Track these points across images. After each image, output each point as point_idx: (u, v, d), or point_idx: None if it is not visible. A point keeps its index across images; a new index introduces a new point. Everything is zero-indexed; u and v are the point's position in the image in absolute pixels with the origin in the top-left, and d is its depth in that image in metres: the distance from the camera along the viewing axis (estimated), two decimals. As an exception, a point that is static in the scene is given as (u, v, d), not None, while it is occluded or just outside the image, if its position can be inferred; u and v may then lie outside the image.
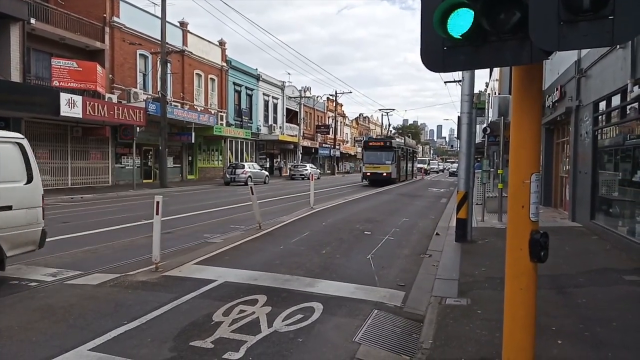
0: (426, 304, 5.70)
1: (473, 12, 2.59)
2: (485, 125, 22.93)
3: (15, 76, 20.09)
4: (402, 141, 40.31)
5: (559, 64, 14.07)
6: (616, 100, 9.48)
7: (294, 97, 51.49)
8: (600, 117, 10.60)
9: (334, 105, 61.11)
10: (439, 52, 2.81)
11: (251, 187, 11.36)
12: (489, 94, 36.27)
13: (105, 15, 25.69)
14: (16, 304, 5.50)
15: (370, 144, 35.64)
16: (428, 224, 12.84)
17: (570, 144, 12.64)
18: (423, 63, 2.88)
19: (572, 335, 4.59)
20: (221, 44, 38.02)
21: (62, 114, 19.69)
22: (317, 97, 58.61)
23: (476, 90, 14.72)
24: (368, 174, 33.46)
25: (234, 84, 39.91)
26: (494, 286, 6.15)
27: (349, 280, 6.73)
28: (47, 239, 7.27)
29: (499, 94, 24.96)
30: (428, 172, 62.92)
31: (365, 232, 11.05)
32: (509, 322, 3.02)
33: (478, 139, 21.26)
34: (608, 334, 4.63)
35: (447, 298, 5.80)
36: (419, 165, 58.31)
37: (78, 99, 20.56)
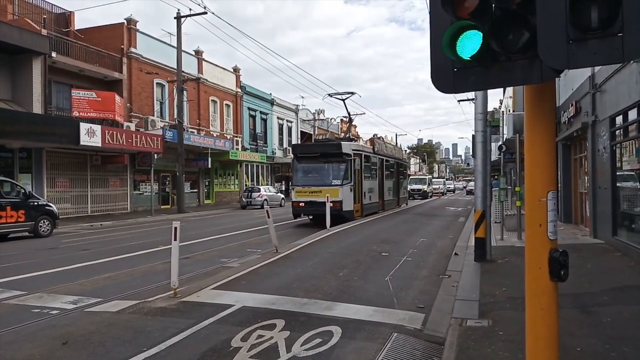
0: (446, 325, 5.61)
1: (482, 34, 2.61)
2: (500, 142, 22.84)
3: (37, 108, 20.71)
4: (368, 147, 24.28)
5: (572, 79, 14.01)
6: (633, 115, 9.38)
7: (308, 120, 51.90)
8: (617, 131, 10.48)
9: (348, 126, 61.23)
10: (449, 74, 2.84)
11: (267, 211, 11.40)
12: (503, 111, 36.07)
13: (122, 46, 26.46)
14: (38, 332, 5.56)
15: (304, 150, 20.83)
16: (446, 244, 12.69)
17: (588, 160, 12.48)
18: (434, 85, 2.90)
19: (597, 355, 4.47)
20: (235, 70, 38.76)
21: (81, 143, 20.15)
22: (331, 119, 58.95)
23: (490, 108, 14.70)
24: (301, 204, 18.72)
25: (249, 109, 40.47)
26: (515, 306, 6.03)
27: (367, 302, 6.66)
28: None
29: (513, 111, 24.86)
30: (429, 194, 47.36)
31: (383, 254, 10.97)
32: (531, 343, 2.96)
33: (494, 157, 21.09)
34: (635, 354, 4.49)
35: (468, 319, 5.69)
36: (415, 187, 43.69)
37: (97, 128, 21.05)
